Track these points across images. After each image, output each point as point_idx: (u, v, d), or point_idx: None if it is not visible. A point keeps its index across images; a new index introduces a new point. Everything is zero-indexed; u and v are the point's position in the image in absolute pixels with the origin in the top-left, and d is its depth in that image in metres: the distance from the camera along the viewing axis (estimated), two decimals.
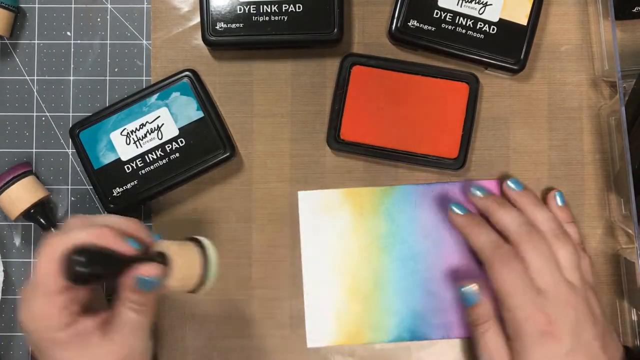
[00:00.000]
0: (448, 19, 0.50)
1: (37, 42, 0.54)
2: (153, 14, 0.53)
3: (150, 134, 0.50)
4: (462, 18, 0.50)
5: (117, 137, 0.50)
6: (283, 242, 0.52)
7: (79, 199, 0.53)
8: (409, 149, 0.51)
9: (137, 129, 0.50)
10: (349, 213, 0.52)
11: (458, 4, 0.50)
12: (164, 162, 0.50)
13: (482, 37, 0.50)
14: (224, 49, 0.52)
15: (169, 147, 0.50)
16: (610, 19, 0.48)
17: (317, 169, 0.53)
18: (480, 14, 0.50)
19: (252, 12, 0.50)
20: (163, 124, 0.50)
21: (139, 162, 0.50)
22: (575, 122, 0.52)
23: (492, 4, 0.50)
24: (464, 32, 0.50)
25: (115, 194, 0.50)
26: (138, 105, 0.51)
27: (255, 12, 0.50)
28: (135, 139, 0.50)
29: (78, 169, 0.53)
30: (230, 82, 0.53)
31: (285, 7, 0.49)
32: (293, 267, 0.52)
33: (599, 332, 0.45)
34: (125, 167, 0.50)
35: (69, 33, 0.54)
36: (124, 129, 0.50)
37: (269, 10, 0.50)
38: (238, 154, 0.53)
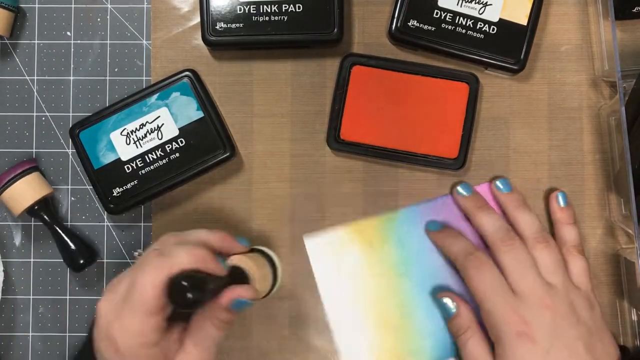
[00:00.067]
0: (448, 19, 0.50)
1: (37, 42, 0.54)
2: (153, 14, 0.53)
3: (150, 134, 0.50)
4: (462, 18, 0.50)
5: (117, 137, 0.50)
6: (283, 242, 0.52)
7: (79, 199, 0.53)
8: (409, 149, 0.51)
9: (137, 129, 0.50)
10: (359, 248, 0.52)
11: (458, 4, 0.50)
12: (164, 162, 0.50)
13: (482, 37, 0.50)
14: (224, 49, 0.52)
15: (169, 147, 0.50)
16: (610, 19, 0.48)
17: (317, 169, 0.53)
18: (480, 14, 0.50)
19: (252, 12, 0.50)
20: (163, 124, 0.50)
21: (139, 162, 0.50)
22: (575, 122, 0.52)
23: (492, 4, 0.50)
24: (464, 32, 0.50)
25: (115, 194, 0.50)
26: (138, 105, 0.51)
27: (255, 12, 0.50)
28: (135, 139, 0.50)
29: (78, 169, 0.53)
30: (230, 82, 0.53)
31: (285, 7, 0.49)
32: (293, 266, 0.52)
33: (582, 333, 0.45)
34: (125, 167, 0.50)
35: (69, 33, 0.54)
36: (124, 129, 0.50)
37: (269, 10, 0.50)
38: (238, 154, 0.53)
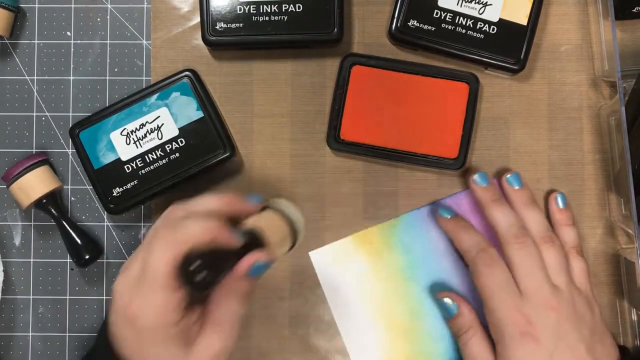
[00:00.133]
0: (448, 19, 0.50)
1: (37, 42, 0.54)
2: (153, 14, 0.53)
3: (150, 134, 0.50)
4: (462, 18, 0.50)
5: (117, 137, 0.50)
6: None
7: (79, 199, 0.53)
8: (409, 149, 0.51)
9: (137, 129, 0.50)
10: (364, 257, 0.52)
11: (458, 4, 0.50)
12: (164, 162, 0.50)
13: (482, 37, 0.50)
14: (224, 49, 0.52)
15: (169, 147, 0.50)
16: (610, 19, 0.48)
17: (317, 169, 0.53)
18: (480, 14, 0.50)
19: (252, 12, 0.50)
20: (163, 124, 0.50)
21: (139, 162, 0.50)
22: (575, 122, 0.52)
23: (492, 4, 0.50)
24: (464, 32, 0.50)
25: (115, 194, 0.50)
26: (138, 105, 0.51)
27: (255, 12, 0.50)
28: (135, 139, 0.50)
29: (78, 169, 0.53)
30: (230, 82, 0.53)
31: (285, 7, 0.49)
32: (293, 266, 0.52)
33: (585, 335, 0.45)
34: (125, 167, 0.50)
35: (69, 33, 0.54)
36: (124, 129, 0.50)
37: (269, 10, 0.50)
38: (238, 154, 0.53)
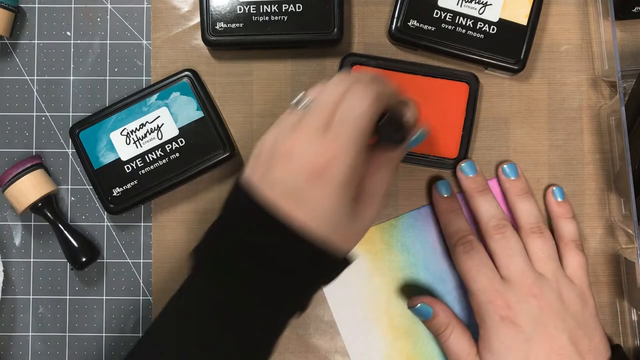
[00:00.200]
0: (448, 19, 0.50)
1: (37, 42, 0.54)
2: (153, 14, 0.53)
3: (150, 134, 0.50)
4: (462, 18, 0.50)
5: (117, 137, 0.50)
6: None
7: (79, 199, 0.53)
8: (410, 149, 0.51)
9: (137, 129, 0.50)
10: (365, 257, 0.52)
11: (458, 4, 0.50)
12: (164, 162, 0.50)
13: (482, 37, 0.50)
14: (224, 49, 0.52)
15: (169, 147, 0.50)
16: (610, 19, 0.48)
17: None
18: (480, 14, 0.50)
19: (252, 12, 0.50)
20: (163, 124, 0.50)
21: (139, 162, 0.50)
22: (575, 122, 0.52)
23: (492, 4, 0.50)
24: (464, 32, 0.50)
25: (115, 194, 0.50)
26: (138, 105, 0.51)
27: (255, 12, 0.50)
28: (135, 139, 0.50)
29: (78, 169, 0.53)
30: (230, 82, 0.53)
31: (285, 7, 0.49)
32: None
33: (570, 325, 0.45)
34: (125, 167, 0.50)
35: (69, 33, 0.54)
36: (124, 129, 0.50)
37: (269, 10, 0.50)
38: (238, 154, 0.53)
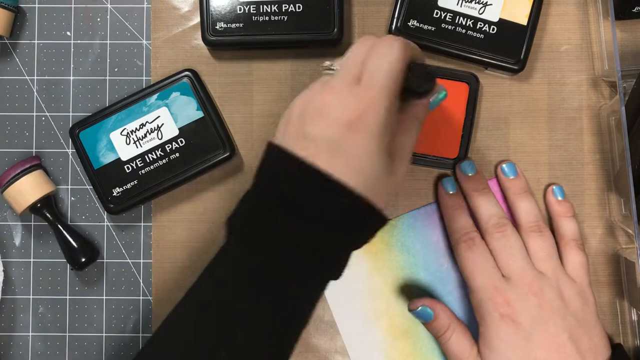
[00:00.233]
0: (448, 19, 0.50)
1: (37, 42, 0.54)
2: (153, 14, 0.53)
3: (150, 134, 0.50)
4: (462, 18, 0.50)
5: (117, 137, 0.50)
6: None
7: (79, 199, 0.53)
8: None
9: (137, 129, 0.50)
10: (365, 257, 0.52)
11: (458, 4, 0.50)
12: (164, 162, 0.50)
13: (482, 37, 0.50)
14: (224, 49, 0.52)
15: (169, 147, 0.50)
16: (611, 19, 0.48)
17: None
18: (480, 14, 0.50)
19: (252, 12, 0.50)
20: (163, 124, 0.50)
21: (139, 162, 0.50)
22: (575, 122, 0.52)
23: (492, 4, 0.50)
24: (464, 32, 0.50)
25: (115, 194, 0.50)
26: (138, 105, 0.51)
27: (255, 12, 0.50)
28: (135, 139, 0.50)
29: (78, 169, 0.53)
30: (230, 82, 0.53)
31: (285, 7, 0.49)
32: None
33: (570, 324, 0.45)
34: (125, 167, 0.50)
35: (69, 33, 0.54)
36: (124, 129, 0.50)
37: (269, 10, 0.50)
38: (238, 154, 0.53)
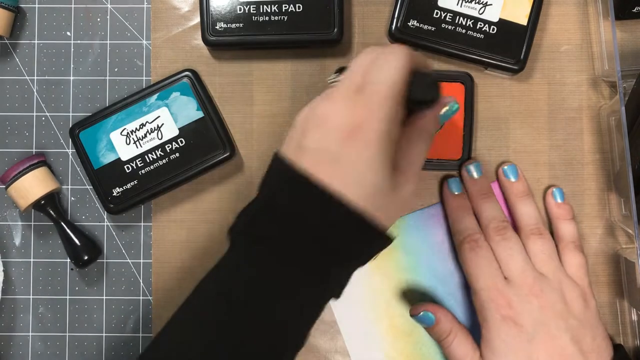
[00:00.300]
0: (448, 19, 0.50)
1: (37, 42, 0.54)
2: (153, 14, 0.53)
3: (150, 134, 0.50)
4: (462, 18, 0.50)
5: (117, 137, 0.50)
6: None
7: (79, 199, 0.53)
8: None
9: (137, 129, 0.50)
10: None
11: (458, 4, 0.50)
12: (164, 162, 0.50)
13: (482, 37, 0.50)
14: (224, 49, 0.52)
15: (169, 147, 0.50)
16: (610, 19, 0.48)
17: None
18: (480, 14, 0.50)
19: (252, 12, 0.50)
20: (163, 124, 0.50)
21: (139, 162, 0.50)
22: (575, 122, 0.52)
23: (492, 4, 0.50)
24: (464, 32, 0.50)
25: (115, 194, 0.50)
26: (138, 105, 0.51)
27: (255, 12, 0.50)
28: (135, 139, 0.50)
29: (78, 169, 0.53)
30: (230, 82, 0.53)
31: (285, 7, 0.49)
32: None
33: (572, 325, 0.45)
34: (125, 167, 0.50)
35: (69, 33, 0.54)
36: (124, 129, 0.50)
37: (269, 10, 0.50)
38: (238, 154, 0.53)
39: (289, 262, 0.35)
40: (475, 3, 0.50)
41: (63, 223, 0.52)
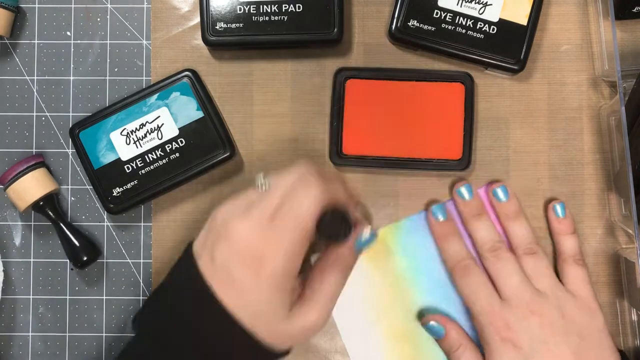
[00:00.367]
0: (448, 19, 0.50)
1: (37, 42, 0.54)
2: (153, 14, 0.53)
3: (150, 134, 0.50)
4: (462, 18, 0.50)
5: (117, 137, 0.50)
6: None
7: (79, 199, 0.53)
8: (413, 155, 0.50)
9: (137, 129, 0.50)
10: (365, 262, 0.52)
11: (458, 4, 0.50)
12: (164, 162, 0.50)
13: (482, 37, 0.50)
14: (224, 49, 0.52)
15: (169, 147, 0.50)
16: (611, 19, 0.48)
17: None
18: (480, 14, 0.50)
19: (252, 12, 0.50)
20: (163, 124, 0.50)
21: (139, 162, 0.50)
22: (575, 122, 0.52)
23: (492, 4, 0.50)
24: (464, 32, 0.50)
25: (115, 194, 0.50)
26: (138, 105, 0.51)
27: (255, 12, 0.50)
28: (135, 139, 0.50)
29: (78, 169, 0.53)
30: (230, 82, 0.53)
31: (285, 7, 0.49)
32: None
33: (574, 340, 0.45)
34: (125, 167, 0.50)
35: (69, 33, 0.54)
36: (124, 129, 0.50)
37: (269, 10, 0.50)
38: (238, 154, 0.53)
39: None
40: (475, 3, 0.50)
41: (62, 224, 0.52)
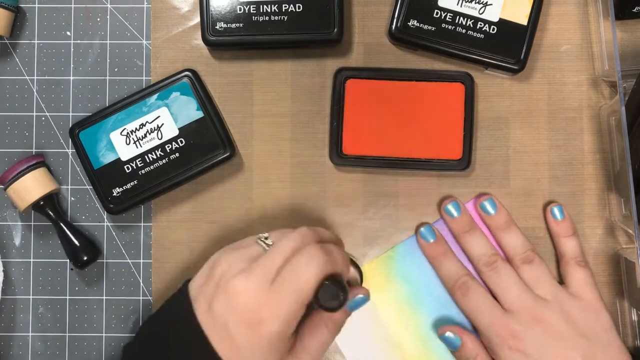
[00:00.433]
0: (448, 19, 0.50)
1: (37, 42, 0.54)
2: (153, 14, 0.53)
3: (150, 134, 0.50)
4: (462, 18, 0.50)
5: (117, 137, 0.50)
6: None
7: (79, 199, 0.53)
8: (413, 155, 0.50)
9: (137, 129, 0.50)
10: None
11: (458, 4, 0.50)
12: (164, 162, 0.50)
13: (482, 37, 0.50)
14: (224, 49, 0.52)
15: (169, 147, 0.50)
16: (611, 19, 0.48)
17: (317, 169, 0.53)
18: (480, 14, 0.50)
19: (252, 12, 0.50)
20: (163, 124, 0.50)
21: (139, 162, 0.50)
22: (575, 122, 0.52)
23: (492, 4, 0.50)
24: (464, 32, 0.50)
25: (115, 194, 0.50)
26: (138, 105, 0.51)
27: (255, 12, 0.50)
28: (135, 139, 0.50)
29: (78, 169, 0.53)
30: (230, 82, 0.53)
31: (285, 7, 0.49)
32: None
33: (580, 342, 0.45)
34: (125, 167, 0.50)
35: (69, 33, 0.54)
36: (124, 129, 0.50)
37: (269, 10, 0.50)
38: (238, 154, 0.53)
39: None
40: (476, 3, 0.50)
41: (62, 224, 0.52)
